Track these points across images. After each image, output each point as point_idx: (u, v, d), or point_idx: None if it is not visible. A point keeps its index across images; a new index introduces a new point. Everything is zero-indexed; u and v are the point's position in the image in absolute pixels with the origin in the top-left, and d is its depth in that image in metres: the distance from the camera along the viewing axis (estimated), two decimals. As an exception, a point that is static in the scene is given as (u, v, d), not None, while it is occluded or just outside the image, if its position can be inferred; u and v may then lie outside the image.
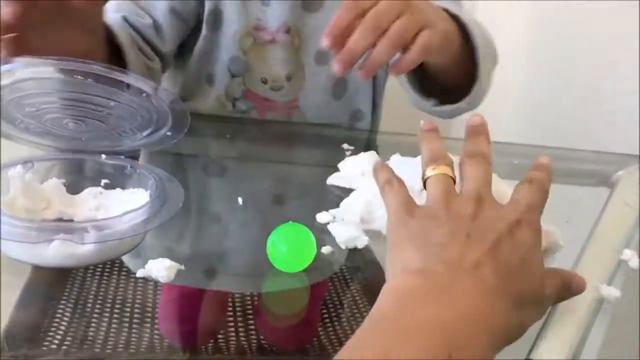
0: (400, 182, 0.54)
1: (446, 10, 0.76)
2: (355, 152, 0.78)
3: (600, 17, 1.16)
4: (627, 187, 0.81)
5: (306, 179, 0.86)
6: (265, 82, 0.99)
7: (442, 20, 0.73)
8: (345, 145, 0.85)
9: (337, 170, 0.77)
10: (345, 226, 0.63)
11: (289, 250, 0.58)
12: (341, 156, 0.78)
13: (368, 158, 0.75)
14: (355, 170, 0.75)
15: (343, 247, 0.62)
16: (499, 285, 0.41)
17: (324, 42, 0.65)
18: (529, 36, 1.43)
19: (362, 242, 0.62)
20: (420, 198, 0.52)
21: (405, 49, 0.67)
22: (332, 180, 0.76)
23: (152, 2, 0.94)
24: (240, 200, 0.72)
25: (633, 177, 0.85)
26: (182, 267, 0.59)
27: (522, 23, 1.45)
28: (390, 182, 0.54)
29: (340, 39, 0.65)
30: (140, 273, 0.59)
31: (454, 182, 0.52)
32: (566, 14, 1.28)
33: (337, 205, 0.68)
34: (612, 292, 0.57)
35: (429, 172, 0.53)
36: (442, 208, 0.48)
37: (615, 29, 1.10)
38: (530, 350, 0.50)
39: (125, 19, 0.90)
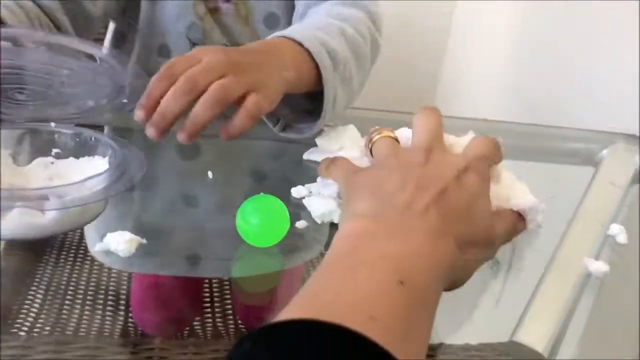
0: (342, 157, 0.57)
1: (293, 39, 0.73)
2: (333, 127, 0.76)
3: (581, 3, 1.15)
4: (612, 166, 0.81)
5: (282, 155, 0.84)
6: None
7: (281, 70, 0.69)
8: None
9: (315, 145, 0.75)
10: (321, 200, 0.61)
11: (260, 222, 0.54)
12: (319, 131, 0.76)
13: (346, 132, 0.73)
14: (332, 145, 0.73)
15: (319, 221, 0.60)
16: (444, 228, 0.43)
17: (138, 116, 0.62)
18: (513, 15, 1.42)
19: (337, 215, 0.60)
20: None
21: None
22: (309, 155, 0.74)
23: None
24: (210, 174, 0.70)
25: (618, 155, 0.84)
26: (144, 241, 0.56)
27: (506, 2, 1.44)
28: (331, 162, 0.57)
29: (155, 108, 0.62)
30: (98, 247, 0.56)
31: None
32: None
33: (314, 181, 0.66)
34: (601, 267, 0.56)
35: (375, 137, 0.55)
36: (392, 159, 0.51)
37: (598, 7, 1.09)
38: (515, 330, 0.49)
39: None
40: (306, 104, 0.80)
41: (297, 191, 0.65)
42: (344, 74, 0.78)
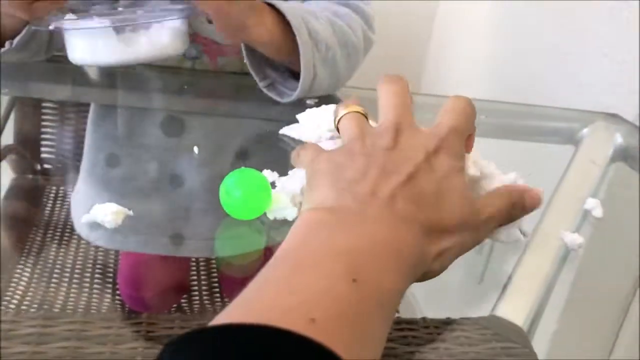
0: (311, 143, 0.54)
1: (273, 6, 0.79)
2: (318, 106, 0.76)
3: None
4: (593, 144, 0.82)
5: (269, 135, 0.84)
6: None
7: (259, 18, 0.77)
8: (309, 101, 0.84)
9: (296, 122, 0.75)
10: (279, 196, 0.59)
11: (243, 195, 0.54)
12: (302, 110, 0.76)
13: (327, 112, 0.73)
14: (311, 122, 0.73)
15: (271, 217, 0.59)
16: (409, 214, 0.40)
17: None
18: (499, 9, 1.42)
19: (291, 214, 0.58)
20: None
21: None
22: (287, 130, 0.74)
23: None
24: (196, 149, 0.70)
25: (598, 134, 0.85)
26: (131, 213, 0.56)
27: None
28: (301, 148, 0.53)
29: None
30: (84, 219, 0.56)
31: (367, 119, 0.51)
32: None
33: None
34: (576, 239, 0.57)
35: (341, 112, 0.51)
36: (357, 142, 0.46)
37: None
38: (495, 305, 0.50)
39: None
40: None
41: (269, 174, 0.64)
42: (326, 56, 0.81)
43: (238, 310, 0.31)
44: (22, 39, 0.79)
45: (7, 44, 0.79)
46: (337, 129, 0.52)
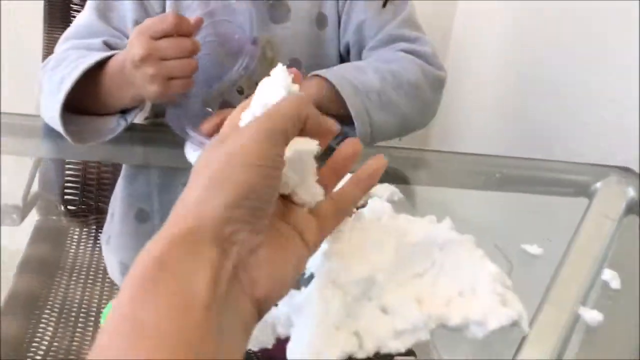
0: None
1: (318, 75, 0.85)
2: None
3: (577, 30, 1.17)
4: (606, 198, 0.83)
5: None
6: (241, 91, 0.99)
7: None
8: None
9: None
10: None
11: None
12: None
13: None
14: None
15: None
16: None
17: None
18: (506, 49, 1.44)
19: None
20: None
21: None
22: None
23: (122, 18, 0.93)
24: None
25: (611, 188, 0.86)
26: None
27: (500, 34, 1.46)
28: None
29: None
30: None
31: None
32: (542, 27, 1.30)
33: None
34: (595, 315, 0.57)
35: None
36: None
37: (592, 41, 1.12)
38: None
39: (106, 44, 0.88)
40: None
41: None
42: (379, 102, 0.86)
43: None
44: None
45: (123, 122, 0.83)
46: None
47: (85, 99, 0.79)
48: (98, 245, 0.93)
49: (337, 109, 0.84)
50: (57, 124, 0.78)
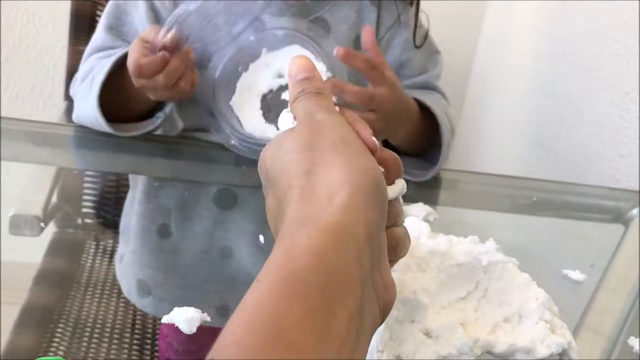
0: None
1: (418, 101, 0.86)
2: None
3: (614, 48, 1.15)
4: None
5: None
6: None
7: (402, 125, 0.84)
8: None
9: None
10: None
11: None
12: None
13: None
14: None
15: None
16: None
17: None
18: (539, 70, 1.43)
19: None
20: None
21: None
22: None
23: (136, 31, 0.91)
24: (262, 238, 0.70)
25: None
26: (209, 319, 0.52)
27: (532, 56, 1.45)
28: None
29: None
30: (165, 319, 0.53)
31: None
32: (577, 45, 1.28)
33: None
34: None
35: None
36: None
37: (623, 64, 1.10)
38: None
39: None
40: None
41: None
42: (450, 140, 0.89)
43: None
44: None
45: (161, 114, 0.83)
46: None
47: (118, 97, 0.79)
48: (114, 260, 0.92)
49: (420, 141, 0.86)
50: (95, 117, 0.77)
